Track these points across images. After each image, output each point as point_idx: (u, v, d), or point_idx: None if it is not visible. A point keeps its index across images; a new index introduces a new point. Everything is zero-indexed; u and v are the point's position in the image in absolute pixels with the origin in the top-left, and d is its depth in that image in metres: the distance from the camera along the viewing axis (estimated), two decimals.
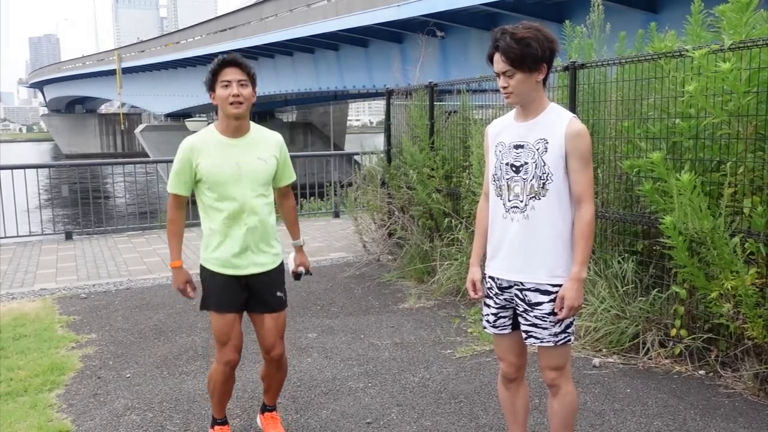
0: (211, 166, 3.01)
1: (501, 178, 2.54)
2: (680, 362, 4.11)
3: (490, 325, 2.67)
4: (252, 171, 3.05)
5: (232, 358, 3.13)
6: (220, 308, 3.08)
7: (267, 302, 3.15)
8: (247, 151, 3.06)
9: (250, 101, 3.02)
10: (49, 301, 6.04)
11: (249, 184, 3.04)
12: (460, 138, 6.58)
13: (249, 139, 3.09)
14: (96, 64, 63.41)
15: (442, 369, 4.24)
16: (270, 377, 3.32)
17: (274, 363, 3.24)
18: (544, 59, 2.39)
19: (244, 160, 3.04)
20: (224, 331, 3.09)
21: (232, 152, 3.03)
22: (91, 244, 8.90)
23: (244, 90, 2.99)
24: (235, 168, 3.01)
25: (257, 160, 3.07)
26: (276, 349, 3.19)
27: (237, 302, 3.10)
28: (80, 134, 73.79)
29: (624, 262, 4.49)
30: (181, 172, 3.05)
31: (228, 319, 3.08)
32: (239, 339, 3.14)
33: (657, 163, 3.85)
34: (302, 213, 11.42)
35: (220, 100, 2.98)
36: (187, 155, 3.03)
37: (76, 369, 4.35)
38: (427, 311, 5.52)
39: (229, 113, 2.99)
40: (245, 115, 3.05)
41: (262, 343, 3.19)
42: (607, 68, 4.87)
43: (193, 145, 3.04)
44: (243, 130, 3.08)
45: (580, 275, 2.44)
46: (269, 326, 3.16)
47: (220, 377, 3.18)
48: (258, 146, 3.10)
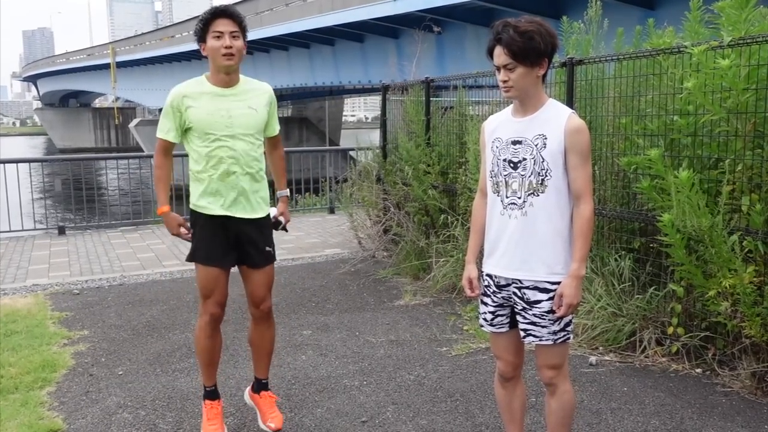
0: (202, 115, 3.02)
1: (498, 175, 2.50)
2: (677, 360, 4.09)
3: (488, 323, 2.64)
4: (243, 120, 3.07)
5: (215, 311, 3.15)
6: (208, 261, 3.10)
7: (257, 257, 3.18)
8: (238, 100, 3.08)
9: (241, 53, 3.03)
10: (41, 297, 5.98)
11: (240, 133, 3.06)
12: (456, 134, 6.55)
13: (240, 89, 3.10)
14: (90, 58, 63.11)
15: (438, 367, 4.21)
16: (260, 338, 3.32)
17: (264, 317, 3.27)
18: (546, 54, 2.36)
19: (234, 109, 3.05)
20: (209, 285, 3.12)
21: (222, 102, 3.05)
22: (84, 239, 8.83)
23: (236, 42, 2.99)
24: (226, 117, 3.03)
25: (248, 109, 3.10)
26: (266, 302, 3.24)
27: (225, 257, 3.13)
28: (74, 128, 73.38)
29: (621, 259, 4.46)
30: (170, 119, 3.07)
31: (214, 272, 3.11)
32: (223, 294, 3.18)
33: (655, 160, 3.82)
34: (297, 209, 11.37)
35: (212, 51, 2.98)
36: (176, 102, 3.05)
37: (68, 366, 4.30)
38: (423, 308, 5.49)
39: (220, 65, 3.00)
40: (237, 68, 3.06)
41: (252, 297, 3.23)
42: (604, 64, 4.85)
43: (184, 92, 3.05)
44: (234, 81, 3.09)
45: (579, 272, 2.41)
46: (259, 280, 3.20)
47: (203, 332, 3.20)
48: (249, 96, 3.12)
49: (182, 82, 3.14)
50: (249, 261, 3.19)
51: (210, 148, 3.04)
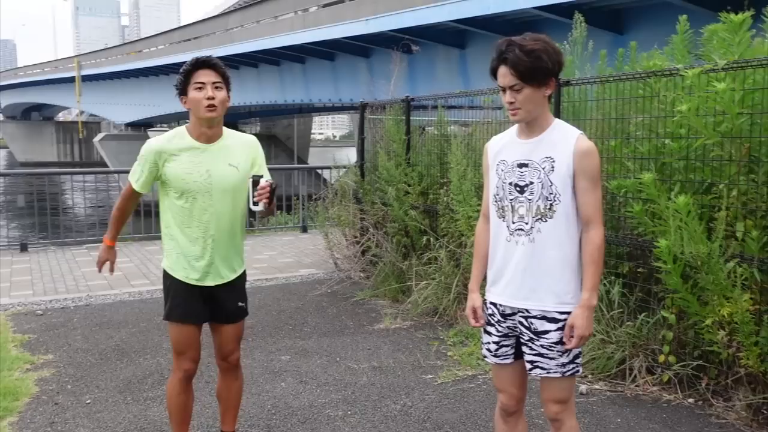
0: (179, 172, 2.84)
1: (504, 199, 2.38)
2: (669, 390, 4.00)
3: (491, 354, 2.50)
4: (223, 179, 2.88)
5: (188, 367, 3.01)
6: (184, 319, 2.95)
7: (229, 313, 3.05)
8: (219, 157, 2.89)
9: (224, 105, 2.84)
10: (2, 318, 5.67)
11: (219, 194, 2.88)
12: (437, 154, 6.45)
13: (221, 145, 2.91)
14: (55, 71, 61.92)
15: (424, 395, 4.05)
16: (227, 390, 3.17)
17: (231, 370, 3.13)
18: (554, 73, 2.25)
19: (214, 168, 2.87)
20: (183, 342, 2.98)
21: (202, 159, 2.86)
22: (47, 256, 8.48)
23: (219, 93, 2.81)
24: (206, 176, 2.85)
25: (228, 167, 2.90)
26: (234, 354, 3.10)
27: (200, 314, 2.99)
28: (36, 142, 71.79)
29: (609, 285, 4.38)
30: (143, 170, 2.90)
31: (188, 330, 2.96)
32: (197, 351, 3.03)
33: (648, 184, 3.75)
34: (268, 227, 11.14)
35: (193, 103, 2.79)
36: (153, 158, 2.86)
37: (31, 394, 4.03)
38: (404, 332, 5.33)
39: (202, 117, 2.80)
40: (219, 120, 2.87)
41: (220, 350, 3.09)
42: (588, 86, 4.80)
43: (162, 147, 2.86)
44: (216, 136, 2.89)
45: (591, 302, 2.29)
46: (229, 334, 3.06)
47: (176, 388, 3.03)
48: (230, 152, 2.92)
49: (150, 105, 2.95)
50: (221, 318, 3.05)
51: (186, 207, 2.87)
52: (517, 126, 2.43)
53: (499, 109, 5.69)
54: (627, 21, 14.08)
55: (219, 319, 3.05)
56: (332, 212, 7.49)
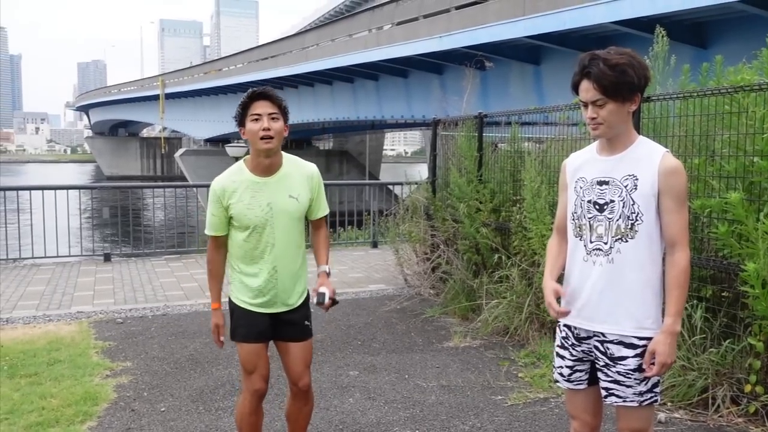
0: (242, 208, 2.89)
1: (582, 217, 2.30)
2: (755, 422, 3.77)
3: (564, 378, 2.41)
4: (284, 211, 2.92)
5: (259, 386, 3.02)
6: (247, 338, 2.99)
7: (293, 331, 3.06)
8: (279, 189, 2.92)
9: (281, 135, 2.86)
10: (85, 325, 5.92)
11: (280, 225, 2.92)
12: (509, 171, 6.35)
13: (280, 176, 2.93)
14: (140, 89, 64.90)
15: (494, 417, 3.96)
16: (297, 413, 3.17)
17: (302, 395, 3.12)
18: (640, 88, 2.17)
19: (275, 200, 2.90)
20: (251, 360, 3.00)
21: (262, 193, 2.90)
22: (129, 267, 8.82)
23: (275, 124, 2.82)
24: (267, 209, 2.89)
25: (289, 198, 2.93)
26: (303, 379, 3.07)
27: (264, 332, 3.02)
28: (122, 156, 75.37)
29: (692, 309, 4.18)
30: (214, 214, 2.96)
31: (255, 348, 2.99)
32: (266, 368, 3.04)
33: (735, 204, 3.57)
34: (339, 242, 11.25)
35: (251, 134, 2.83)
36: (218, 197, 2.93)
37: (109, 399, 4.18)
38: (474, 351, 5.24)
39: (260, 149, 2.83)
40: (277, 151, 2.89)
41: (289, 373, 3.09)
42: (670, 102, 4.63)
43: (224, 186, 2.93)
44: (274, 167, 2.92)
45: (674, 328, 2.18)
46: (296, 354, 3.06)
47: (247, 408, 3.06)
48: (290, 183, 2.95)
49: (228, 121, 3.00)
50: (286, 335, 3.07)
51: (250, 242, 2.92)
52: (598, 142, 2.35)
53: (574, 126, 5.56)
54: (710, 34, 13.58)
55: (282, 337, 3.06)
56: (403, 228, 7.48)
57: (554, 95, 16.57)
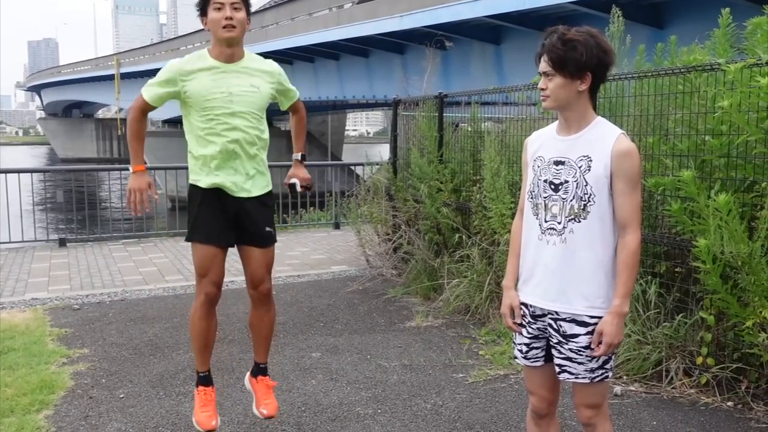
0: (200, 91, 2.88)
1: (538, 196, 2.32)
2: (707, 392, 3.89)
3: (522, 355, 2.45)
4: (244, 98, 2.93)
5: (210, 290, 3.03)
6: (205, 239, 2.97)
7: (256, 236, 3.07)
8: (240, 76, 2.93)
9: (243, 25, 2.88)
10: (40, 312, 5.79)
11: (240, 111, 2.93)
12: (470, 151, 6.38)
13: (242, 65, 2.96)
14: (94, 69, 63.19)
15: (455, 395, 4.01)
16: (259, 320, 3.22)
17: (263, 299, 3.15)
18: (589, 67, 2.17)
19: (235, 87, 2.91)
20: (205, 264, 2.99)
21: (223, 78, 2.90)
22: (85, 251, 8.64)
23: (238, 13, 2.85)
24: (227, 94, 2.89)
25: (250, 87, 2.95)
26: (264, 283, 3.12)
27: (223, 236, 3.01)
28: (77, 138, 73.44)
29: (646, 284, 4.28)
30: (161, 87, 2.93)
31: (211, 251, 2.98)
32: (220, 274, 3.05)
33: (687, 182, 3.64)
34: (301, 223, 11.20)
35: (212, 23, 2.84)
36: (173, 77, 2.90)
37: (66, 387, 4.10)
38: (435, 330, 5.29)
39: (221, 37, 2.85)
40: (239, 41, 2.91)
41: (251, 277, 3.11)
42: (625, 82, 4.70)
43: (182, 67, 2.91)
44: (237, 55, 2.94)
45: (622, 309, 2.22)
46: (258, 259, 3.07)
47: (198, 312, 3.07)
48: (252, 73, 2.98)
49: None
50: (248, 240, 3.07)
51: (208, 125, 2.92)
52: (558, 122, 2.36)
53: (533, 105, 5.60)
54: (667, 15, 13.81)
55: (245, 242, 3.06)
56: (364, 209, 7.48)
57: (515, 75, 16.68)
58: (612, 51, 2.22)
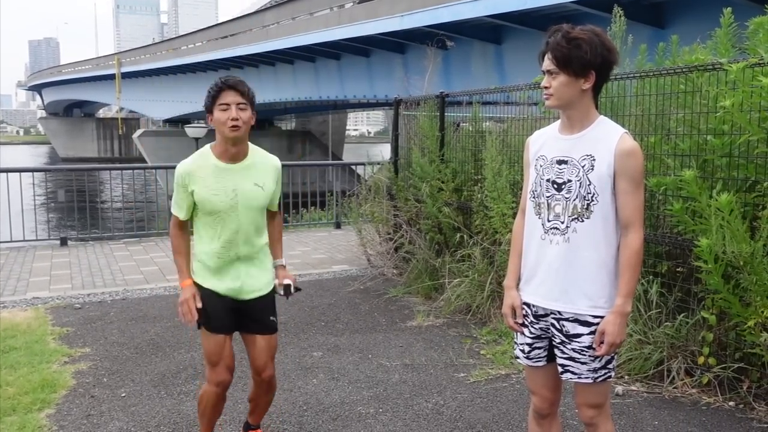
0: (206, 193, 2.89)
1: (540, 195, 2.32)
2: (708, 392, 3.89)
3: (524, 355, 2.45)
4: (248, 198, 2.94)
5: (224, 378, 3.03)
6: (212, 328, 2.98)
7: (260, 324, 3.07)
8: (244, 177, 2.94)
9: (248, 124, 2.90)
10: (41, 311, 5.79)
11: (245, 212, 2.94)
12: (471, 150, 6.38)
13: (247, 164, 2.96)
14: (95, 68, 63.22)
15: (457, 394, 4.01)
16: (258, 399, 3.23)
17: (264, 385, 3.16)
18: (593, 66, 2.17)
19: (241, 187, 2.92)
20: (217, 352, 3.00)
21: (228, 178, 2.91)
22: (86, 250, 8.65)
23: (243, 113, 2.86)
24: (232, 195, 2.90)
25: (254, 186, 2.96)
26: (267, 371, 3.10)
27: (229, 323, 3.02)
28: (77, 138, 73.44)
29: (647, 284, 4.27)
30: (182, 198, 2.96)
31: (220, 339, 2.99)
32: (231, 359, 3.06)
33: (689, 182, 3.64)
34: (302, 223, 11.21)
35: (218, 123, 2.86)
36: (183, 182, 2.93)
37: (68, 386, 4.10)
38: (437, 330, 5.29)
39: (227, 136, 2.86)
40: (243, 139, 2.93)
41: (254, 364, 3.11)
42: (626, 82, 4.69)
43: (189, 171, 2.92)
44: (241, 155, 2.95)
45: (625, 309, 2.21)
46: (261, 347, 3.08)
47: (211, 399, 3.07)
48: (256, 172, 2.98)
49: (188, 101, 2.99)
50: (252, 329, 3.08)
51: (212, 227, 2.93)
52: (560, 121, 2.35)
53: (534, 105, 5.60)
54: (668, 15, 13.80)
55: (248, 329, 3.07)
56: (365, 209, 7.47)
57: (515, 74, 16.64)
58: (616, 50, 2.22)
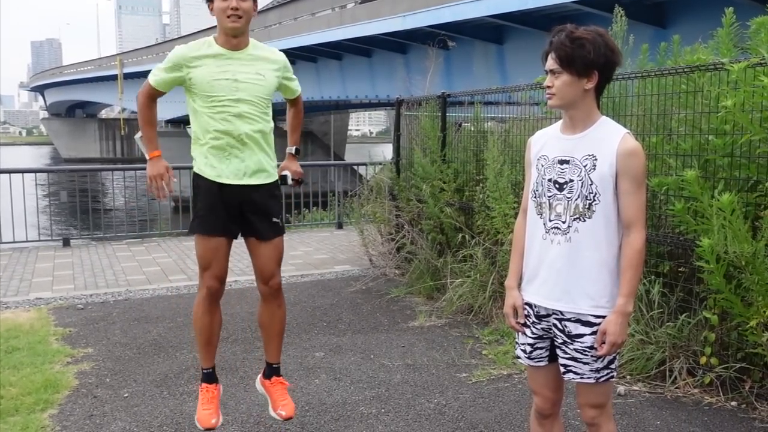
0: (206, 77, 2.87)
1: (542, 195, 2.32)
2: (710, 392, 3.89)
3: (526, 355, 2.45)
4: (250, 85, 2.92)
5: (212, 284, 3.01)
6: (207, 231, 2.95)
7: (263, 228, 3.01)
8: (246, 64, 2.93)
9: (249, 15, 2.88)
10: (44, 312, 5.80)
11: (246, 99, 2.91)
12: (473, 151, 6.38)
13: (248, 53, 2.95)
14: (97, 69, 63.32)
15: (458, 394, 4.01)
16: (270, 317, 3.17)
17: (273, 295, 3.11)
18: (596, 66, 2.17)
19: (241, 74, 2.90)
20: (207, 256, 2.97)
21: (229, 65, 2.90)
22: (89, 251, 8.66)
23: (244, 3, 2.84)
24: (232, 80, 2.88)
25: (256, 74, 2.94)
26: (275, 278, 3.07)
27: (227, 228, 2.97)
28: (80, 139, 73.52)
29: (649, 284, 4.27)
30: (167, 72, 2.93)
31: (213, 243, 2.95)
32: (223, 267, 3.02)
33: (690, 182, 3.64)
34: (304, 223, 11.21)
35: (218, 12, 2.84)
36: (179, 62, 2.90)
37: (71, 387, 4.11)
38: (439, 330, 5.29)
39: (226, 27, 2.86)
40: (244, 30, 2.91)
41: (260, 272, 3.07)
42: (628, 82, 4.69)
43: (188, 53, 2.91)
44: (242, 44, 2.94)
45: (626, 309, 2.21)
46: (267, 253, 3.03)
47: (201, 307, 3.05)
48: (258, 61, 2.97)
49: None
50: (255, 233, 3.03)
51: (214, 112, 2.91)
52: (562, 120, 2.36)
53: (536, 105, 5.61)
54: (670, 15, 13.79)
55: (253, 235, 3.01)
56: (367, 209, 7.48)
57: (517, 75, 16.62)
58: (619, 51, 2.22)
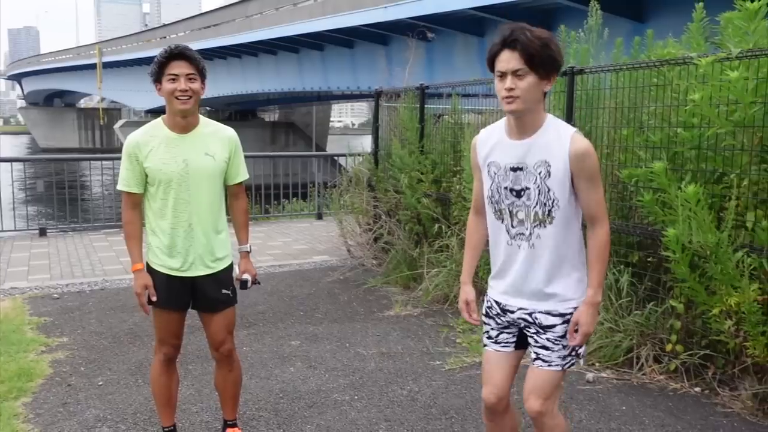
0: (157, 163, 2.84)
1: (500, 202, 2.32)
2: (675, 379, 3.99)
3: (492, 340, 2.47)
4: (199, 168, 2.87)
5: (168, 351, 3.05)
6: (162, 305, 2.96)
7: (214, 301, 3.01)
8: (195, 146, 2.88)
9: (198, 96, 2.84)
10: (19, 301, 5.78)
11: (196, 182, 2.87)
12: (450, 142, 6.44)
13: (197, 134, 2.90)
14: (76, 58, 62.51)
15: (431, 381, 4.08)
16: (224, 379, 3.18)
17: (225, 360, 3.12)
18: (557, 68, 2.20)
19: (191, 157, 2.86)
20: (166, 328, 3.01)
21: (178, 148, 2.86)
22: (65, 241, 8.61)
23: (193, 84, 2.80)
24: (182, 165, 2.84)
25: (205, 156, 2.89)
26: (225, 344, 3.07)
27: (180, 301, 2.99)
28: (58, 128, 72.53)
29: (619, 273, 4.36)
30: (129, 168, 2.88)
31: (172, 316, 2.99)
32: (179, 336, 3.07)
33: (659, 173, 3.72)
34: (284, 213, 11.22)
35: (167, 94, 2.80)
36: (133, 152, 2.86)
37: (45, 375, 4.12)
38: (414, 319, 5.36)
39: (175, 109, 2.81)
40: (193, 111, 2.87)
41: (211, 340, 3.08)
42: (602, 75, 4.76)
43: (139, 141, 2.87)
44: (191, 126, 2.89)
45: (596, 299, 2.27)
46: (217, 323, 3.04)
47: (157, 369, 3.08)
48: (207, 141, 2.92)
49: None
50: (206, 308, 3.03)
51: (164, 200, 2.87)
52: (506, 123, 2.30)
53: None
54: (648, 9, 13.90)
55: (202, 308, 3.02)
56: (346, 199, 7.51)
57: None
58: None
